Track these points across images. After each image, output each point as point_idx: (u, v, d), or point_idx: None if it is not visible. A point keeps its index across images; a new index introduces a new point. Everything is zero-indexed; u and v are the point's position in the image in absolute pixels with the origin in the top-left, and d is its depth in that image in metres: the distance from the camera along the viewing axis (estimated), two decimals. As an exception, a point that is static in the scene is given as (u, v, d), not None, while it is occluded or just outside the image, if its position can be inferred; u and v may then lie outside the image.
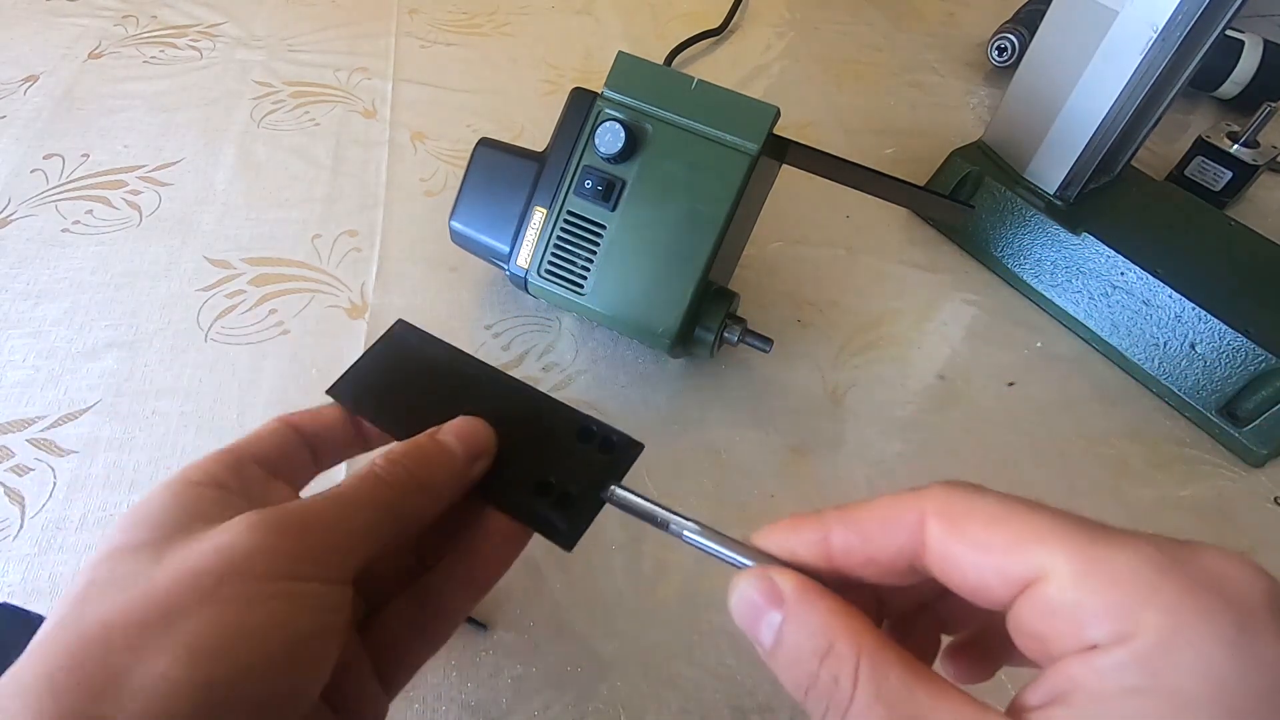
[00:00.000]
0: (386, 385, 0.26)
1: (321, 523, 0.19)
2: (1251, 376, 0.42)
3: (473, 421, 0.23)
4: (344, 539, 0.19)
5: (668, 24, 0.76)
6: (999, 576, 0.15)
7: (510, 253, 0.42)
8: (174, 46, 0.65)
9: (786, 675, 0.17)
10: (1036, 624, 0.15)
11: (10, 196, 0.50)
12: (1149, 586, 0.13)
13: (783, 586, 0.17)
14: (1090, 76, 0.46)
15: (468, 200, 0.43)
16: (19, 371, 0.41)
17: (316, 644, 0.18)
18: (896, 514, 0.17)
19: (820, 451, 0.42)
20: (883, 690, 0.15)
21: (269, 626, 0.17)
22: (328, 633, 0.19)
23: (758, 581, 0.18)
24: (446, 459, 0.22)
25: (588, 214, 0.40)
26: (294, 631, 0.17)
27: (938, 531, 0.16)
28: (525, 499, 0.23)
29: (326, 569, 0.19)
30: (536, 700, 0.31)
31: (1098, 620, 0.14)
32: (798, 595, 0.17)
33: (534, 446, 0.24)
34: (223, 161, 0.55)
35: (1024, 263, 0.51)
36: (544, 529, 0.23)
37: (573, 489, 0.23)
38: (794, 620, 0.16)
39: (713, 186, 0.38)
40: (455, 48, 0.69)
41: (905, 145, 0.64)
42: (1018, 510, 0.15)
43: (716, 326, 0.40)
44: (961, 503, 0.16)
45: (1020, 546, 0.15)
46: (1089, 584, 0.14)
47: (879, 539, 0.17)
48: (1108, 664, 0.13)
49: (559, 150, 0.40)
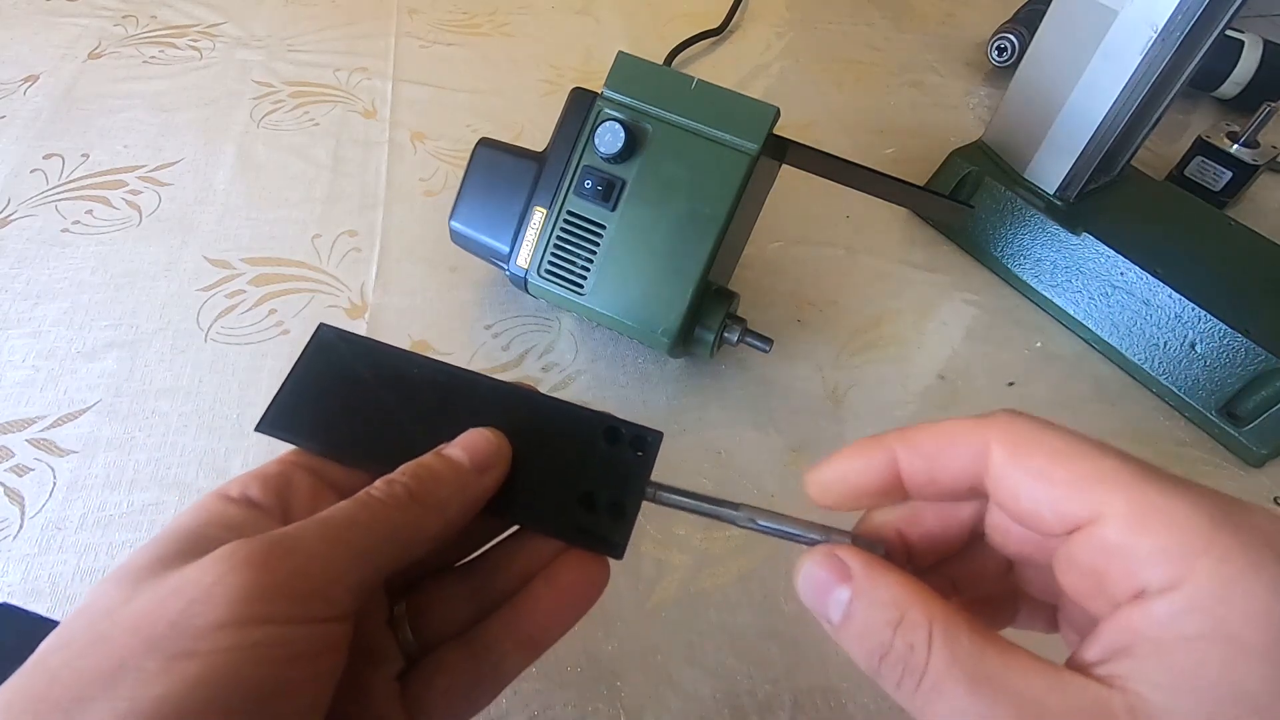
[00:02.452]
0: (332, 407, 0.22)
1: (305, 553, 0.17)
2: (1251, 376, 0.42)
3: (479, 432, 0.21)
4: (332, 570, 0.17)
5: (668, 24, 0.76)
6: (1054, 510, 0.15)
7: (510, 253, 0.42)
8: (174, 46, 0.65)
9: (857, 647, 0.17)
10: (1089, 562, 0.15)
11: (10, 196, 0.50)
12: (1204, 536, 0.14)
13: (850, 563, 0.17)
14: (1090, 76, 0.46)
15: (468, 200, 0.43)
16: (19, 371, 0.41)
17: (296, 695, 0.16)
18: (961, 437, 0.17)
19: (820, 451, 0.41)
20: (957, 653, 0.15)
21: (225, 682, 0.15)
22: (311, 681, 0.16)
23: (824, 560, 0.18)
24: (451, 472, 0.20)
25: (588, 214, 0.40)
26: (260, 685, 0.15)
27: (1001, 457, 0.16)
28: (569, 516, 0.21)
29: (311, 606, 0.16)
30: (536, 700, 0.31)
31: (1151, 564, 0.14)
32: (866, 570, 0.17)
33: (556, 455, 0.22)
34: (223, 161, 0.55)
35: (1024, 263, 0.51)
36: (595, 544, 0.21)
37: (621, 498, 0.21)
38: (864, 594, 0.17)
39: (713, 186, 0.38)
40: (455, 48, 0.69)
41: (905, 145, 0.64)
42: (1081, 448, 0.15)
43: (716, 326, 0.40)
44: (1027, 432, 0.16)
45: (1081, 485, 0.15)
46: (1145, 528, 0.14)
47: (943, 459, 0.17)
48: (1165, 612, 0.13)
49: (559, 150, 0.40)
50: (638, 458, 0.22)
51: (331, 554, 0.17)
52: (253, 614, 0.15)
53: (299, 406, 0.22)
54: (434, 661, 0.21)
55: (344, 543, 0.18)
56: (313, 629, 0.16)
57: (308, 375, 0.23)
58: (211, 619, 0.15)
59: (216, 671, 0.15)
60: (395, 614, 0.22)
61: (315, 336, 0.23)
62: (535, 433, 0.22)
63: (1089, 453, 0.15)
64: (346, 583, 0.17)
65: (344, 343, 0.23)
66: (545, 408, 0.23)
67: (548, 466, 0.22)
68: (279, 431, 0.22)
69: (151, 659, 0.15)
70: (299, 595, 0.16)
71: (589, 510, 0.21)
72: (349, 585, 0.17)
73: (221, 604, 0.15)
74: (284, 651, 0.16)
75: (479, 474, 0.20)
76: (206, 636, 0.15)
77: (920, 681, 0.15)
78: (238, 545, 0.16)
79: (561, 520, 0.21)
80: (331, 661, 0.17)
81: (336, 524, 0.18)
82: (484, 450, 0.21)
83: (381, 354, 0.23)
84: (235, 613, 0.15)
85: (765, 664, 0.33)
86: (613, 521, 0.21)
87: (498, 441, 0.21)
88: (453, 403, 0.22)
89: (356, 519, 0.18)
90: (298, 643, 0.16)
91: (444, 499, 0.20)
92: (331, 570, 0.17)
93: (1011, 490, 0.16)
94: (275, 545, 0.17)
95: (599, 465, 0.22)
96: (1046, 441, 0.16)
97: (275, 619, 0.16)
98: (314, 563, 0.17)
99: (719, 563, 0.36)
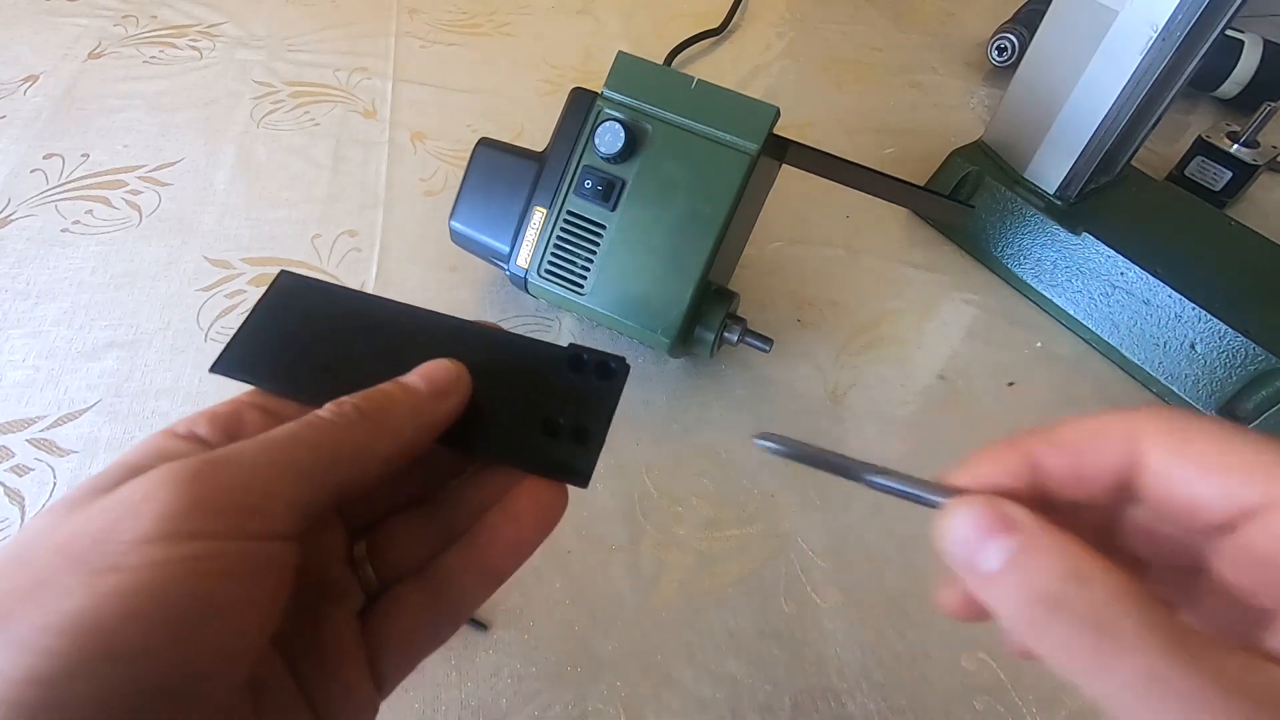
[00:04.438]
0: (291, 348, 0.22)
1: (242, 467, 0.16)
2: (1251, 376, 0.42)
3: (437, 361, 0.21)
4: (272, 486, 0.16)
5: (668, 24, 0.76)
6: (1225, 497, 0.15)
7: (510, 253, 0.42)
8: (174, 46, 0.65)
9: (1019, 594, 0.15)
10: (1268, 549, 0.15)
11: (10, 196, 0.50)
12: None
13: (1016, 514, 0.16)
14: (1090, 76, 0.46)
15: (468, 200, 0.43)
16: (19, 371, 0.41)
17: (232, 615, 0.15)
18: (1110, 428, 0.17)
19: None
20: (1155, 616, 0.14)
21: (149, 597, 0.14)
22: (248, 603, 0.15)
23: (986, 508, 0.16)
24: (405, 395, 0.19)
25: (588, 214, 0.40)
26: (189, 601, 0.14)
27: (1158, 446, 0.16)
28: (530, 443, 0.20)
29: (246, 522, 0.15)
30: (536, 700, 0.31)
31: None
32: (1036, 521, 0.16)
33: (518, 386, 0.21)
34: (223, 161, 0.55)
35: (1024, 263, 0.51)
36: (558, 472, 0.20)
37: (585, 422, 0.21)
38: (1036, 542, 0.16)
39: (713, 186, 0.38)
40: (455, 48, 0.69)
41: (905, 145, 0.64)
42: (1241, 435, 0.15)
43: (716, 326, 0.40)
44: (1183, 421, 0.16)
45: (1253, 470, 0.15)
46: None
47: (1091, 453, 0.17)
48: None
49: (559, 150, 0.40)
50: (604, 385, 0.21)
51: (271, 470, 0.16)
52: (182, 529, 0.14)
53: (257, 348, 0.22)
54: (393, 597, 0.21)
55: (285, 459, 0.17)
56: (248, 546, 0.15)
57: (268, 318, 0.22)
58: (137, 533, 0.14)
59: (140, 586, 0.14)
60: (356, 553, 0.21)
61: (275, 281, 0.23)
62: (499, 368, 0.22)
63: (1251, 440, 0.15)
64: (287, 499, 0.16)
65: (306, 288, 0.23)
66: (509, 343, 0.22)
67: (511, 398, 0.21)
68: (235, 372, 0.21)
69: (73, 575, 0.14)
70: (234, 510, 0.15)
71: (552, 437, 0.21)
72: (290, 502, 0.16)
73: (148, 519, 0.14)
74: (217, 567, 0.15)
75: (435, 399, 0.20)
76: (132, 551, 0.14)
77: (1104, 639, 0.14)
78: (171, 464, 0.16)
79: (524, 449, 0.21)
80: (272, 583, 0.16)
81: (278, 441, 0.17)
82: (441, 377, 0.20)
83: (343, 297, 0.23)
84: (163, 527, 0.14)
85: (765, 664, 0.33)
86: (577, 448, 0.20)
87: (455, 369, 0.21)
88: (416, 341, 0.22)
89: (300, 436, 0.17)
90: (231, 559, 0.15)
91: (397, 421, 0.19)
92: (271, 486, 0.16)
93: (1172, 479, 0.16)
94: (209, 461, 0.16)
95: (563, 394, 0.21)
96: (1206, 429, 0.15)
97: (206, 534, 0.15)
98: (251, 478, 0.16)
99: (719, 563, 0.36)
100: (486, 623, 0.33)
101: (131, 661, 0.13)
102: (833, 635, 0.34)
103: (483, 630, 0.33)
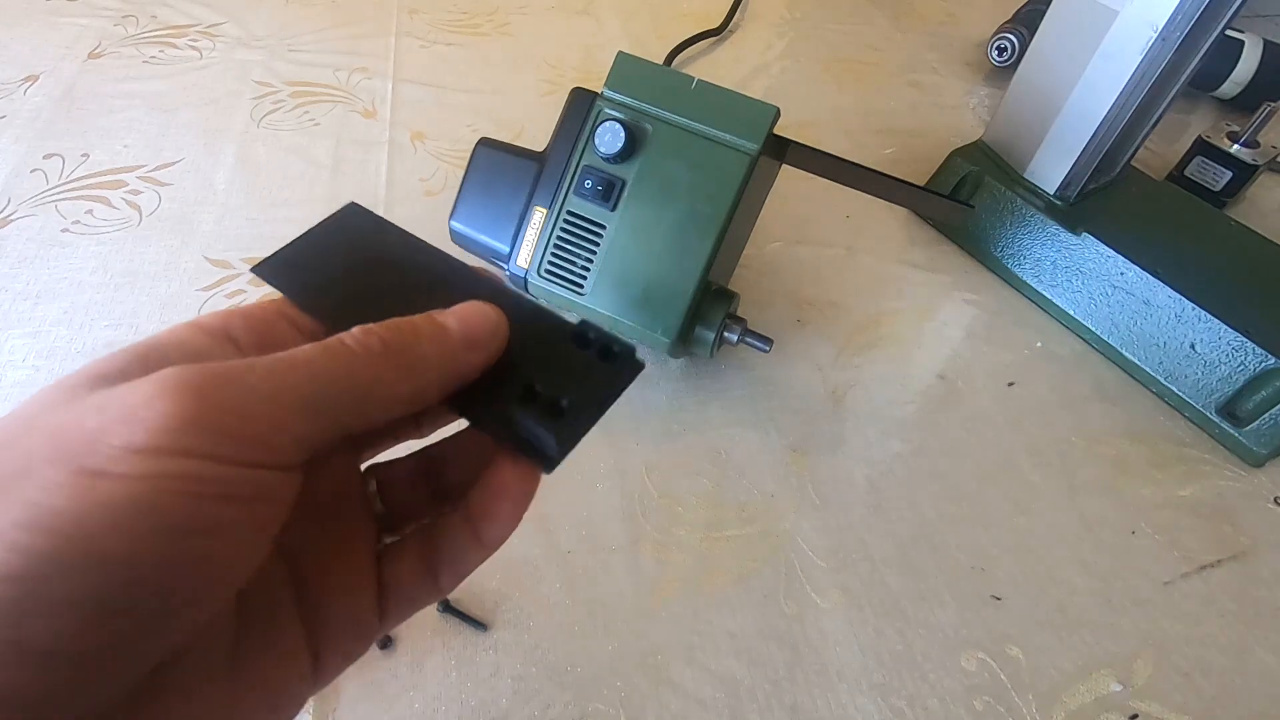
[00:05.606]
0: (330, 271, 0.22)
1: (250, 390, 0.15)
2: (1251, 376, 0.42)
3: (478, 304, 0.19)
4: (277, 414, 0.15)
5: (668, 24, 0.76)
6: None
7: (510, 253, 0.42)
8: (174, 46, 0.65)
9: None
10: None
11: (10, 196, 0.50)
12: None
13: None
14: (1090, 76, 0.46)
15: (467, 200, 0.43)
16: (19, 371, 0.41)
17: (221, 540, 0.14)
18: None
19: (820, 451, 0.42)
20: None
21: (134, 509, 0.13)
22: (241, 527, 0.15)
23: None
24: (436, 335, 0.18)
25: (588, 214, 0.40)
26: (176, 519, 0.14)
27: None
28: (503, 409, 0.19)
29: (246, 450, 0.15)
30: (536, 700, 0.31)
31: None
32: None
33: (517, 351, 0.20)
34: (223, 161, 0.55)
35: (1024, 263, 0.51)
36: (524, 447, 0.19)
37: (565, 399, 0.19)
38: None
39: (713, 186, 0.38)
40: (455, 48, 0.69)
41: (905, 145, 0.64)
42: None
43: (716, 326, 0.40)
44: None
45: None
46: None
47: None
48: None
49: (559, 150, 0.40)
50: (605, 368, 0.20)
51: (280, 396, 0.15)
52: (177, 445, 0.14)
53: (301, 264, 0.21)
54: (399, 547, 0.20)
55: (297, 387, 0.15)
56: (245, 472, 0.15)
57: (320, 240, 0.22)
58: (129, 441, 0.14)
59: (127, 496, 0.13)
60: (369, 489, 0.21)
61: (341, 211, 0.23)
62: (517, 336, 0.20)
63: None
64: (294, 432, 0.15)
65: (368, 221, 0.23)
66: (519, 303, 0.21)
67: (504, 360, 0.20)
68: (274, 279, 0.21)
69: (58, 470, 0.13)
70: (235, 435, 0.14)
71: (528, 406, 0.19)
72: (296, 435, 0.15)
73: (141, 429, 0.14)
74: (210, 490, 0.14)
75: (467, 348, 0.18)
76: (121, 459, 0.13)
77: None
78: (177, 369, 0.15)
79: (500, 417, 0.19)
80: (266, 511, 0.15)
81: (293, 364, 0.16)
82: (478, 324, 0.19)
83: (398, 236, 0.23)
84: (157, 440, 0.14)
85: (765, 664, 0.33)
86: (551, 426, 0.18)
87: (496, 318, 0.19)
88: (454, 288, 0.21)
89: (316, 363, 0.16)
90: (226, 483, 0.14)
91: (421, 362, 0.17)
92: (277, 414, 0.15)
93: None
94: (217, 375, 0.15)
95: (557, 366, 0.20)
96: None
97: (202, 453, 0.14)
98: (258, 403, 0.15)
99: (719, 563, 0.36)
100: (486, 623, 0.33)
101: (109, 571, 0.13)
102: (833, 635, 0.34)
103: (483, 630, 0.33)
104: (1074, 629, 0.36)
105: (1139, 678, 0.34)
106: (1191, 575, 0.38)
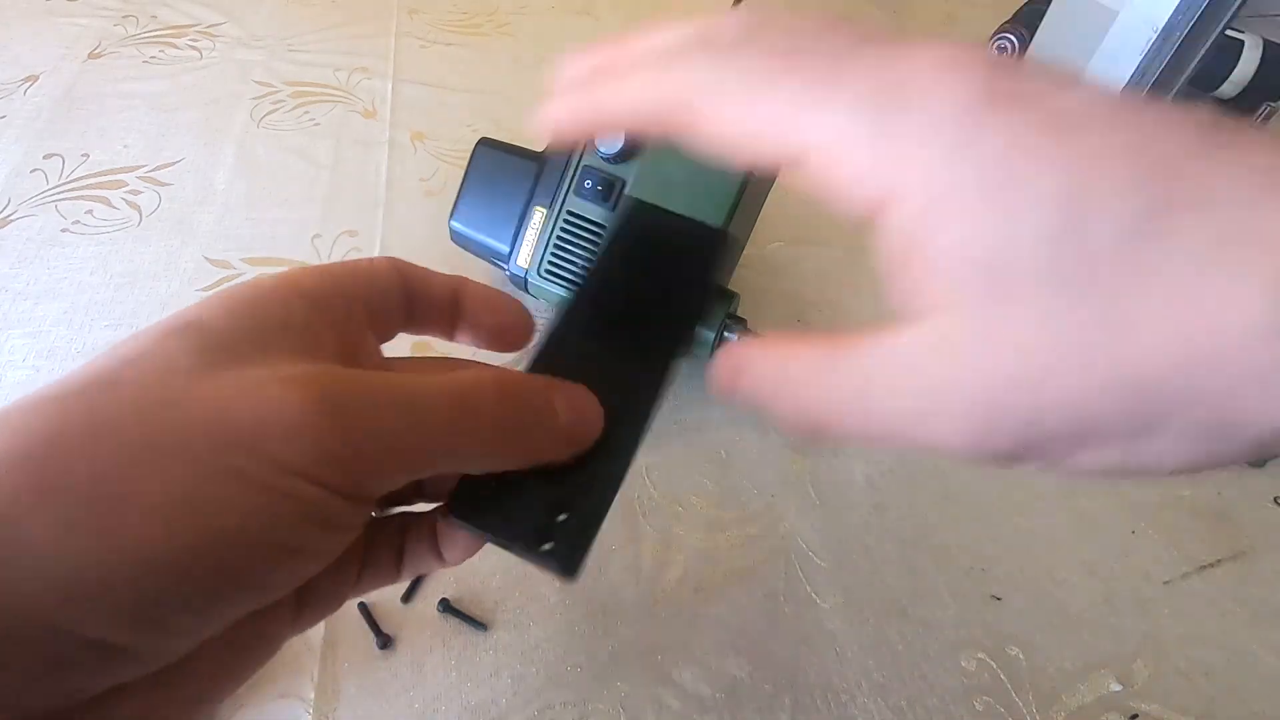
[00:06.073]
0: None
1: (391, 437, 0.15)
2: (1251, 376, 0.42)
3: (590, 398, 0.19)
4: (404, 469, 0.15)
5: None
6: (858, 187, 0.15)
7: (510, 253, 0.42)
8: (174, 46, 0.65)
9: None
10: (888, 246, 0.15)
11: (10, 196, 0.50)
12: None
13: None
14: (1090, 77, 0.46)
15: (468, 200, 0.43)
16: (19, 371, 0.41)
17: (299, 563, 0.15)
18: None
19: (820, 452, 0.41)
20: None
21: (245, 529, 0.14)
22: (320, 553, 0.15)
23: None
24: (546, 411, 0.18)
25: (588, 214, 0.40)
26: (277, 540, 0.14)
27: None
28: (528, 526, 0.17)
29: (365, 490, 0.15)
30: (536, 700, 0.31)
31: None
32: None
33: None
34: (223, 161, 0.55)
35: (1024, 263, 0.51)
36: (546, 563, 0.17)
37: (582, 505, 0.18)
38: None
39: (713, 187, 0.38)
40: (455, 48, 0.69)
41: (905, 145, 0.63)
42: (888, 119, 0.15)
43: (717, 326, 0.40)
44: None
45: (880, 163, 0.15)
46: None
47: None
48: None
49: (559, 150, 0.40)
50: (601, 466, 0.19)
51: (407, 453, 0.15)
52: (318, 475, 0.14)
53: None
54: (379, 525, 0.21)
55: (424, 446, 0.16)
56: (351, 506, 0.15)
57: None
58: (282, 458, 0.14)
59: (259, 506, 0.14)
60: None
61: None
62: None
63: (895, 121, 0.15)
64: (407, 472, 0.16)
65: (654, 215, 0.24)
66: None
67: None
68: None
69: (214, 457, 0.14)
70: (359, 478, 0.15)
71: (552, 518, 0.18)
72: (408, 475, 0.16)
73: (295, 450, 0.14)
74: (318, 515, 0.14)
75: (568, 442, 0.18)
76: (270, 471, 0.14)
77: None
78: (332, 382, 0.15)
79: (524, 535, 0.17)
80: (349, 539, 0.16)
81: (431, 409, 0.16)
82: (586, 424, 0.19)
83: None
84: (305, 466, 0.14)
85: (765, 664, 0.33)
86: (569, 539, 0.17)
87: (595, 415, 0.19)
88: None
89: (441, 411, 0.16)
90: (334, 514, 0.15)
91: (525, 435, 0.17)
92: (400, 467, 0.15)
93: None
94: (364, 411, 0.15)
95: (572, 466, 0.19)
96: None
97: (331, 487, 0.14)
98: (387, 454, 0.15)
99: (719, 562, 0.36)
100: (486, 623, 0.33)
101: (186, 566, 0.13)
102: (833, 635, 0.34)
103: (483, 630, 0.33)
104: (1074, 629, 0.36)
105: (1139, 678, 0.34)
106: (1191, 575, 0.38)
